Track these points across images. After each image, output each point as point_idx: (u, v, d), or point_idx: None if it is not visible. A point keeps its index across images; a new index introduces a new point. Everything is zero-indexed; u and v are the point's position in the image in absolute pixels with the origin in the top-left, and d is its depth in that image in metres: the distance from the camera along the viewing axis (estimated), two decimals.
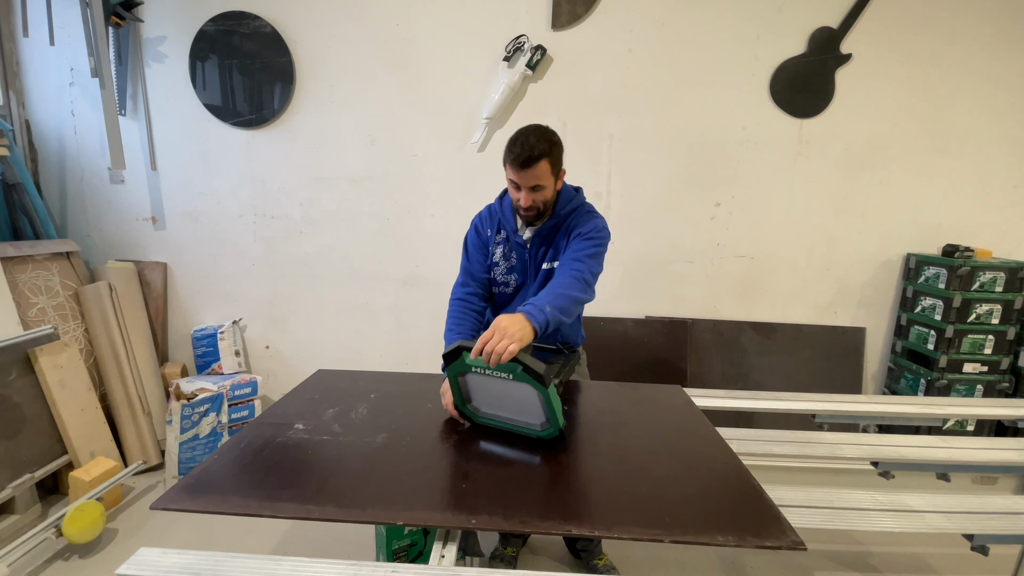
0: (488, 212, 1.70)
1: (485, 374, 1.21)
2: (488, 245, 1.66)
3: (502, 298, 1.70)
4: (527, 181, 1.45)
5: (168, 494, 1.06)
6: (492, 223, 1.67)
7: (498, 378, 1.20)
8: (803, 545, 0.94)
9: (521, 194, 1.48)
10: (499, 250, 1.64)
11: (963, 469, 1.38)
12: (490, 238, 1.66)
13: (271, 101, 2.69)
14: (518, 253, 1.62)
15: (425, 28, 2.59)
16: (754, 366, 2.76)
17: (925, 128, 2.59)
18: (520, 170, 1.43)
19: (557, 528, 0.99)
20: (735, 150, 2.65)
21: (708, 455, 1.27)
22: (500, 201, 1.68)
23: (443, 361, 1.26)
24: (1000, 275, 2.44)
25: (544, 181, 1.46)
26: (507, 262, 1.63)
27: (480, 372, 1.22)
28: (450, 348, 1.24)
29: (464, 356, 1.22)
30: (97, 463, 2.23)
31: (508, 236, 1.63)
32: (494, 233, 1.65)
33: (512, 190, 1.53)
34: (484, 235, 1.68)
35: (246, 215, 2.84)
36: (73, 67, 2.72)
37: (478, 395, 1.32)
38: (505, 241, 1.63)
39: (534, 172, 1.43)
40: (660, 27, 2.54)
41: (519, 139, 1.44)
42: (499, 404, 1.31)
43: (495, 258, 1.65)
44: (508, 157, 1.46)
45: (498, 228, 1.65)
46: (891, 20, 2.49)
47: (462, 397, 1.33)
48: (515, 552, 1.96)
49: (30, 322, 2.38)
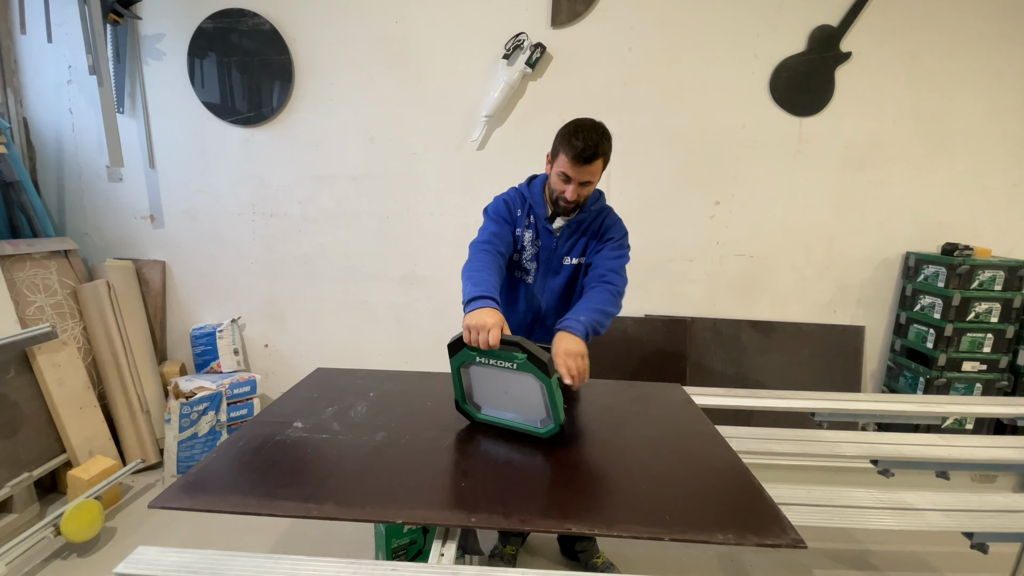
0: (517, 194, 1.65)
1: (489, 364, 1.20)
2: (516, 225, 1.61)
3: (523, 286, 1.66)
4: (581, 176, 1.44)
5: (166, 492, 1.05)
6: (523, 206, 1.62)
7: (502, 368, 1.19)
8: (803, 543, 0.94)
9: (570, 187, 1.46)
10: (528, 234, 1.61)
11: (962, 467, 1.38)
12: (520, 219, 1.61)
13: (270, 99, 2.68)
14: (544, 241, 1.60)
15: (424, 26, 2.59)
16: (754, 364, 2.76)
17: (925, 126, 2.59)
18: (579, 165, 1.42)
19: (556, 526, 0.99)
20: (735, 148, 2.64)
21: (708, 453, 1.27)
22: (529, 186, 1.64)
23: (449, 351, 1.25)
24: (999, 274, 2.44)
25: (595, 178, 1.48)
26: (532, 248, 1.61)
27: (484, 363, 1.21)
28: (454, 338, 1.23)
29: (467, 347, 1.21)
30: (95, 462, 2.23)
31: (536, 222, 1.60)
32: (524, 215, 1.61)
33: (558, 181, 1.49)
34: (513, 213, 1.62)
35: (245, 213, 2.83)
36: (71, 64, 2.71)
37: (480, 390, 1.31)
38: (532, 226, 1.60)
39: (591, 168, 1.43)
40: (660, 25, 2.54)
41: (582, 134, 1.41)
42: (500, 399, 1.29)
43: (524, 241, 1.61)
44: (568, 150, 1.42)
45: (529, 213, 1.61)
46: (891, 18, 2.49)
47: (463, 392, 1.32)
48: (515, 551, 1.96)
49: (28, 321, 2.37)
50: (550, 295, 1.66)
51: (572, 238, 1.60)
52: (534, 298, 1.66)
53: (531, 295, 1.66)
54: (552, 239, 1.60)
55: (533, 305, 1.67)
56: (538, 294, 1.66)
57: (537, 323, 1.70)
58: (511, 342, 1.16)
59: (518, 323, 1.70)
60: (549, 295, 1.66)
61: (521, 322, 1.70)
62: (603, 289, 1.47)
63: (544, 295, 1.66)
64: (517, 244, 1.61)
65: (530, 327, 1.70)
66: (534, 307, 1.67)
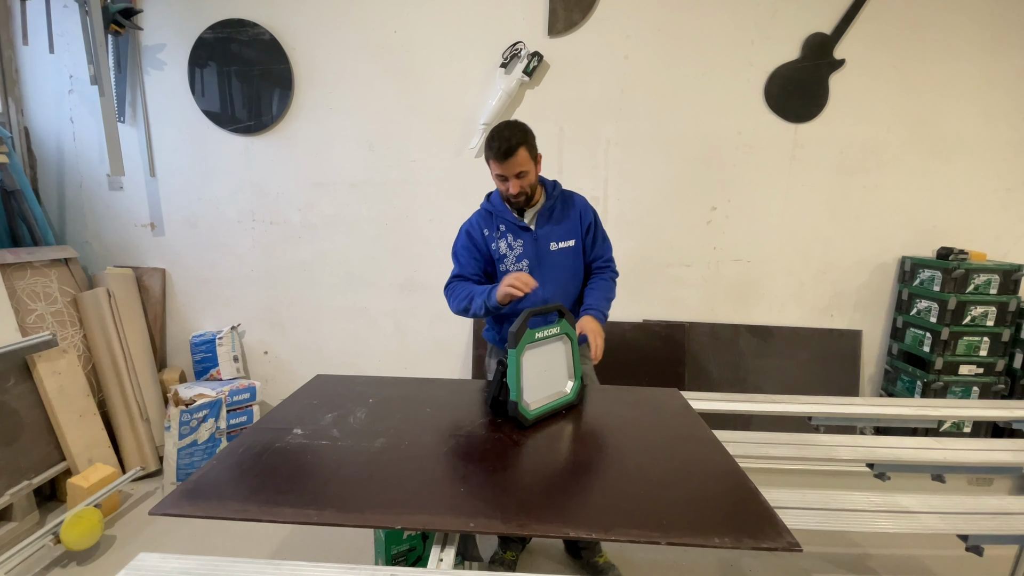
0: (480, 215, 1.79)
1: (537, 339, 1.41)
2: (487, 245, 1.75)
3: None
4: (511, 170, 1.59)
5: (167, 499, 1.06)
6: (489, 223, 1.76)
7: (550, 339, 1.45)
8: (799, 546, 0.95)
9: (509, 183, 1.61)
10: (503, 243, 1.73)
11: (958, 470, 1.39)
12: (489, 237, 1.75)
13: (270, 107, 2.70)
14: (524, 239, 1.72)
15: (423, 35, 2.61)
16: (751, 369, 2.77)
17: (919, 132, 2.61)
18: (503, 161, 1.57)
19: (555, 530, 0.99)
20: (731, 154, 2.67)
21: (705, 457, 1.28)
22: (489, 201, 1.79)
23: (510, 339, 1.35)
24: (994, 277, 2.46)
25: (526, 167, 1.61)
26: (514, 251, 1.72)
27: (538, 339, 1.41)
28: (520, 322, 1.34)
29: (531, 330, 1.38)
30: (95, 470, 2.23)
31: (508, 227, 1.73)
32: (492, 231, 1.75)
33: (499, 183, 1.66)
34: (478, 238, 1.76)
35: (245, 221, 2.84)
36: (72, 74, 2.73)
37: (529, 379, 1.40)
38: (506, 233, 1.73)
39: (516, 160, 1.58)
40: (656, 33, 2.57)
41: (495, 135, 1.59)
42: (542, 381, 1.46)
43: (501, 252, 1.73)
44: (489, 153, 1.60)
45: (496, 225, 1.74)
46: (884, 25, 2.52)
47: (519, 392, 1.37)
48: (515, 556, 1.96)
49: (28, 328, 2.38)
50: (551, 283, 1.73)
51: (548, 224, 1.73)
52: (535, 292, 1.71)
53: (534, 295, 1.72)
54: (530, 233, 1.72)
55: (536, 297, 1.74)
56: (538, 287, 1.71)
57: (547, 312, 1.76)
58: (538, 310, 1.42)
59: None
60: (550, 284, 1.73)
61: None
62: (609, 279, 1.82)
63: (545, 286, 1.72)
64: (495, 256, 1.75)
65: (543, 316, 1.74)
66: (538, 299, 1.74)
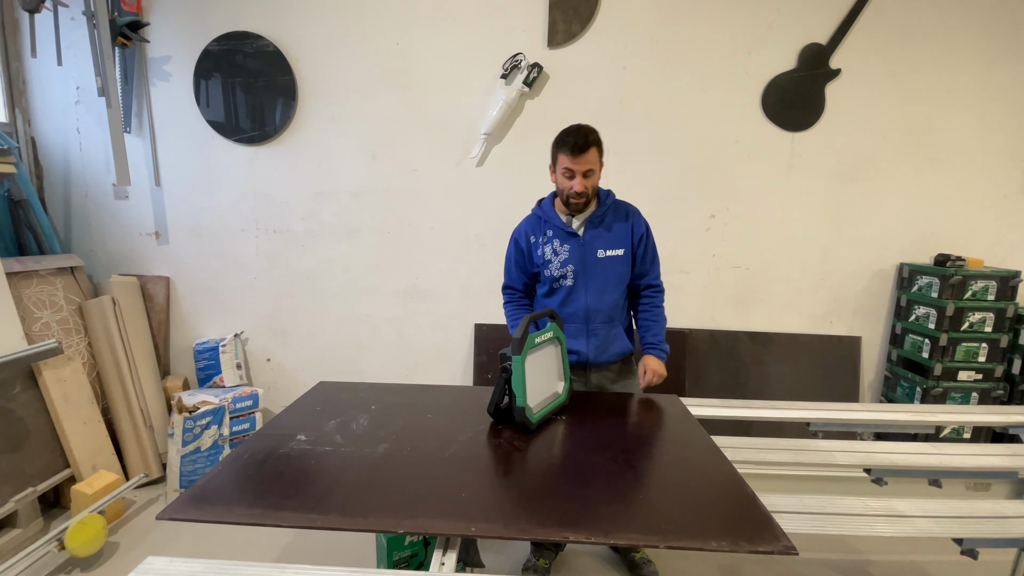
0: (529, 221, 1.84)
1: (536, 344, 1.47)
2: (533, 252, 1.81)
3: (564, 291, 1.79)
4: (582, 166, 1.62)
5: (173, 504, 1.08)
6: (537, 228, 1.80)
7: (545, 343, 1.53)
8: (795, 550, 0.97)
9: (575, 180, 1.64)
10: (547, 249, 1.77)
11: (954, 475, 1.40)
12: (535, 243, 1.79)
13: (273, 118, 2.74)
14: (571, 244, 1.75)
15: (424, 47, 2.66)
16: (751, 376, 2.78)
17: (915, 140, 2.64)
18: (577, 156, 1.61)
19: (555, 534, 1.01)
20: (729, 163, 2.70)
21: (703, 463, 1.29)
22: (540, 207, 1.83)
23: (515, 346, 1.40)
24: (992, 284, 2.47)
25: (595, 166, 1.66)
26: (559, 256, 1.76)
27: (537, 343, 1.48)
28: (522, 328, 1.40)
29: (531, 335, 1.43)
30: (99, 476, 2.25)
31: (556, 233, 1.76)
32: (539, 237, 1.79)
33: (564, 179, 1.67)
34: (524, 245, 1.81)
35: (248, 229, 2.88)
36: (79, 86, 2.78)
37: (532, 383, 1.45)
38: (553, 239, 1.76)
39: (588, 157, 1.62)
40: (654, 44, 2.61)
41: (571, 131, 1.63)
42: (541, 385, 1.53)
43: (546, 256, 1.77)
44: (563, 147, 1.62)
45: (544, 230, 1.78)
46: (879, 36, 2.55)
47: (525, 395, 1.42)
48: (547, 564, 1.92)
49: (34, 336, 2.41)
50: (594, 290, 1.77)
51: (597, 231, 1.75)
52: (578, 297, 1.78)
53: (574, 296, 1.78)
54: (577, 239, 1.75)
55: (578, 304, 1.79)
56: (581, 293, 1.78)
57: (588, 320, 1.80)
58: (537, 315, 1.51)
59: (571, 321, 1.80)
60: (593, 290, 1.77)
61: (571, 321, 1.80)
62: (661, 304, 1.88)
63: (588, 292, 1.77)
64: (538, 262, 1.80)
65: (584, 324, 1.80)
66: (579, 305, 1.78)
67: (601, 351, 1.81)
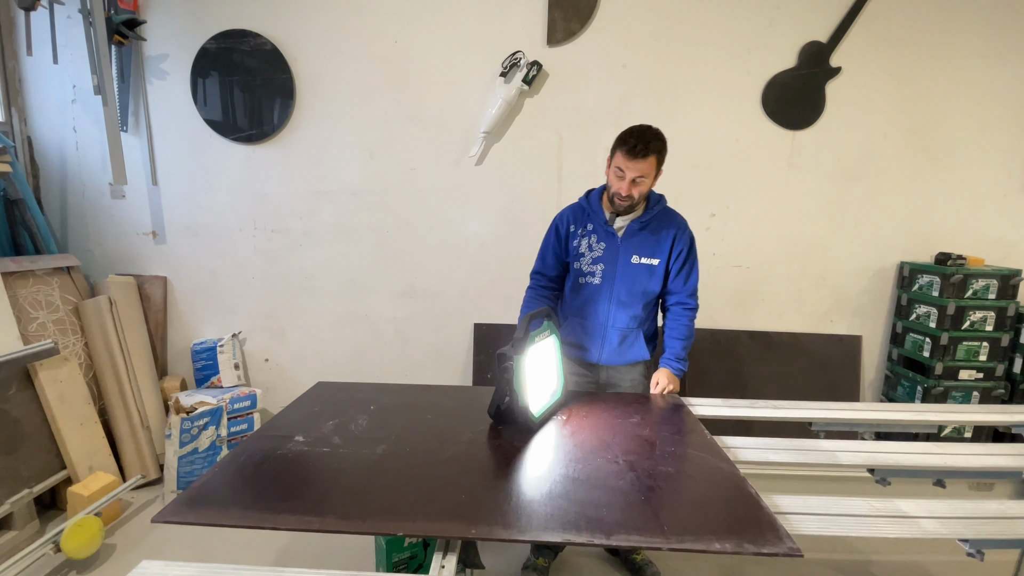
0: (574, 209, 1.80)
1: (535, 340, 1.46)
2: (570, 241, 1.77)
3: (590, 289, 1.76)
4: (633, 171, 1.57)
5: (169, 507, 1.06)
6: (579, 218, 1.76)
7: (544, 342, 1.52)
8: (799, 552, 0.95)
9: (624, 183, 1.59)
10: (584, 242, 1.74)
11: (958, 475, 1.39)
12: (573, 233, 1.76)
13: (271, 117, 2.72)
14: (608, 243, 1.72)
15: (423, 45, 2.64)
16: (752, 375, 2.77)
17: (915, 138, 2.63)
18: (632, 159, 1.55)
19: (556, 536, 1.00)
20: (729, 162, 2.68)
21: (705, 463, 1.28)
22: (587, 199, 1.79)
23: (516, 346, 1.39)
24: (993, 282, 2.47)
25: (648, 174, 1.59)
26: (593, 252, 1.73)
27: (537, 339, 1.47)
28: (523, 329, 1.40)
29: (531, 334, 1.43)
30: (96, 478, 2.23)
31: (596, 228, 1.73)
32: (579, 228, 1.75)
33: (615, 178, 1.62)
34: (563, 231, 1.78)
35: (246, 229, 2.86)
36: (75, 84, 2.76)
37: (533, 382, 1.45)
38: (592, 233, 1.73)
39: (643, 164, 1.56)
40: (654, 42, 2.59)
41: (636, 132, 1.57)
42: (540, 383, 1.52)
43: (580, 249, 1.74)
44: (622, 146, 1.57)
45: (585, 223, 1.75)
46: (879, 34, 2.54)
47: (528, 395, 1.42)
48: (547, 564, 1.92)
49: (30, 337, 2.39)
50: (619, 294, 1.74)
51: (636, 237, 1.71)
52: (601, 298, 1.75)
53: (598, 296, 1.75)
54: (615, 239, 1.71)
55: (600, 304, 1.76)
56: (605, 294, 1.75)
57: (606, 324, 1.77)
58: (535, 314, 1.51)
59: (591, 320, 1.79)
60: (618, 294, 1.74)
61: (592, 319, 1.79)
62: (691, 320, 1.80)
63: (612, 295, 1.74)
64: (571, 253, 1.77)
65: (602, 327, 1.78)
66: (601, 306, 1.76)
67: (615, 356, 1.80)
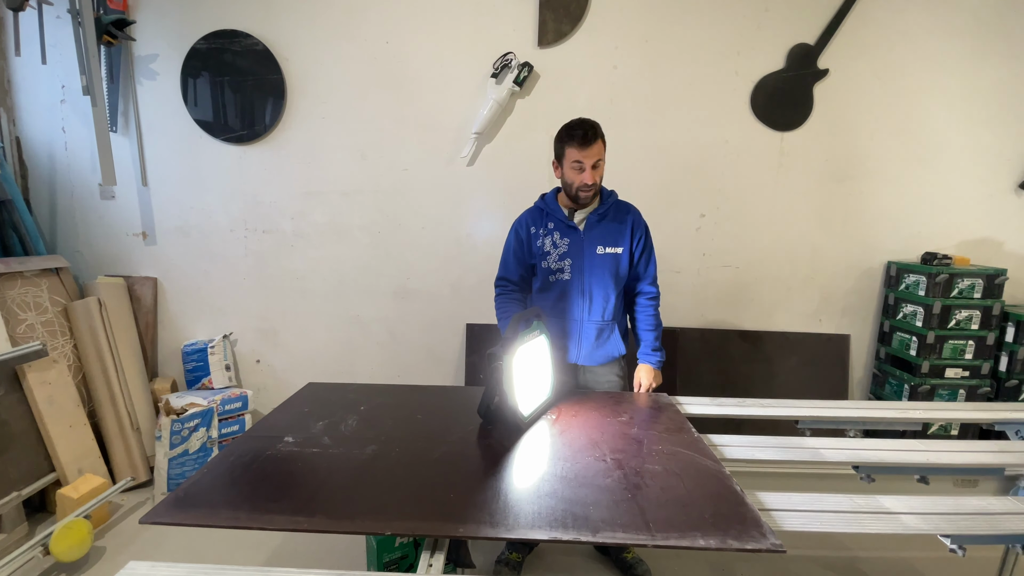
0: (531, 212, 1.86)
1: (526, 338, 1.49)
2: (533, 242, 1.83)
3: (561, 285, 1.81)
4: (591, 158, 1.64)
5: (158, 508, 1.06)
6: (538, 220, 1.82)
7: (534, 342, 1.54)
8: (782, 548, 0.97)
9: (585, 173, 1.66)
10: (547, 240, 1.79)
11: (941, 472, 1.41)
12: (535, 235, 1.81)
13: (262, 117, 2.72)
14: (571, 237, 1.77)
15: (415, 46, 2.64)
16: (741, 374, 2.79)
17: (902, 140, 2.66)
18: (585, 147, 1.63)
19: (544, 534, 1.01)
20: (718, 163, 2.71)
21: (692, 461, 1.30)
22: (543, 200, 1.86)
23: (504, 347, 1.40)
24: (978, 282, 2.50)
25: (602, 156, 1.68)
26: (558, 249, 1.78)
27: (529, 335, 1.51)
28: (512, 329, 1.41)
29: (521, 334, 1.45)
30: (85, 480, 2.22)
31: (557, 226, 1.78)
32: (539, 228, 1.81)
33: (574, 172, 1.68)
34: (524, 235, 1.82)
35: (237, 229, 2.85)
36: (64, 84, 2.74)
37: (523, 382, 1.47)
38: (553, 231, 1.78)
39: (595, 148, 1.64)
40: (644, 44, 2.61)
41: (577, 124, 1.66)
42: (530, 382, 1.53)
43: (545, 248, 1.79)
44: (572, 140, 1.65)
45: (545, 223, 1.80)
46: (866, 36, 2.57)
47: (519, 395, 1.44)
48: (520, 558, 1.96)
49: (18, 338, 2.37)
50: (591, 286, 1.79)
51: (596, 228, 1.77)
52: (573, 293, 1.80)
53: (570, 291, 1.80)
54: (578, 233, 1.77)
55: (574, 299, 1.81)
56: (576, 288, 1.80)
57: (583, 318, 1.82)
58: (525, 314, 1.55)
59: (566, 317, 1.83)
60: (589, 286, 1.79)
61: (565, 318, 1.83)
62: (657, 309, 1.88)
63: (584, 288, 1.79)
64: (536, 253, 1.82)
65: (578, 322, 1.83)
66: (575, 301, 1.80)
67: (593, 352, 1.83)
